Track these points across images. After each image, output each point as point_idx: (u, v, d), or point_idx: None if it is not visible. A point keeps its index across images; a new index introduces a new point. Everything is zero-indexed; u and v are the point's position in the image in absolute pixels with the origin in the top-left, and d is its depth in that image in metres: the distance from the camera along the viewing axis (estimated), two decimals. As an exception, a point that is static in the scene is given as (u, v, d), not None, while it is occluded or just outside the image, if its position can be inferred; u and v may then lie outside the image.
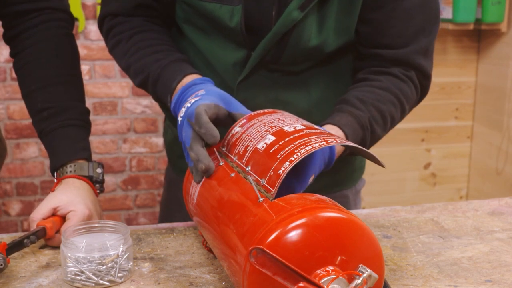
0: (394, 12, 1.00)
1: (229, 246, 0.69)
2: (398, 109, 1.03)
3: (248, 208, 0.69)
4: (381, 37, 1.02)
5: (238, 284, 0.66)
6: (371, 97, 0.99)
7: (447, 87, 3.01)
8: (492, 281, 0.81)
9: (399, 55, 1.02)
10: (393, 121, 1.03)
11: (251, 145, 0.78)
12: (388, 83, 1.02)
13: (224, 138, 0.87)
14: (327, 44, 1.01)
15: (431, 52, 1.06)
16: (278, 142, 0.75)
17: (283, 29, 0.97)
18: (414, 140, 3.04)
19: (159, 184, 2.91)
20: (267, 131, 0.79)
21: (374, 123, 0.98)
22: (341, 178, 1.18)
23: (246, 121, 0.85)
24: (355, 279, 0.62)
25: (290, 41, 0.99)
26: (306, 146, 0.71)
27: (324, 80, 1.07)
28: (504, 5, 2.76)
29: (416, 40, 1.02)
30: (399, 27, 1.01)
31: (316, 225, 0.62)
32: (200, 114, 0.82)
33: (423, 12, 1.02)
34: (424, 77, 1.06)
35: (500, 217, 1.07)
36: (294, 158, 0.70)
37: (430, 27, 1.03)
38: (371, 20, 1.01)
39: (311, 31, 0.99)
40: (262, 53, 1.00)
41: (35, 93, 1.06)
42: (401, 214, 1.08)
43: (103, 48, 2.72)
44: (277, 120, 0.82)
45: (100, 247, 0.80)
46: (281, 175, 0.69)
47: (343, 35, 1.01)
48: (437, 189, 3.15)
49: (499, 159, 2.92)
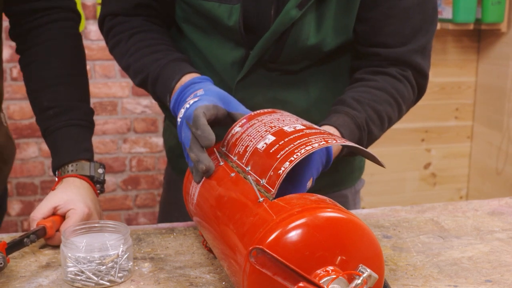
0: (391, 11, 1.00)
1: (229, 246, 0.69)
2: (395, 109, 1.03)
3: (248, 208, 0.69)
4: (378, 36, 1.02)
5: (238, 284, 0.66)
6: (368, 97, 0.99)
7: (447, 87, 3.01)
8: (492, 281, 0.81)
9: (396, 54, 1.02)
10: (390, 121, 1.03)
11: (251, 145, 0.78)
12: (385, 83, 1.02)
13: (224, 138, 0.87)
14: (325, 43, 1.01)
15: (428, 51, 1.06)
16: (278, 142, 0.75)
17: (282, 28, 0.98)
18: (414, 140, 3.04)
19: (159, 184, 2.91)
20: (267, 131, 0.79)
21: (371, 123, 0.98)
22: (340, 178, 1.18)
23: (246, 121, 0.85)
24: (355, 279, 0.62)
25: (288, 39, 0.99)
26: (306, 146, 0.71)
27: (323, 79, 1.07)
28: (504, 5, 2.76)
29: (413, 39, 1.02)
30: (396, 26, 1.01)
31: (316, 225, 0.62)
32: (197, 117, 0.82)
33: (421, 11, 1.02)
34: (421, 76, 1.06)
35: (500, 217, 1.07)
36: (294, 158, 0.69)
37: (427, 26, 1.03)
38: (369, 18, 1.01)
39: (310, 29, 0.99)
40: (261, 52, 1.00)
41: (41, 91, 1.07)
42: (401, 214, 1.08)
43: (103, 48, 2.72)
44: (277, 120, 0.82)
45: (100, 247, 0.80)
46: (281, 175, 0.69)
47: (342, 34, 1.02)
48: (437, 189, 3.15)
49: (499, 159, 2.92)
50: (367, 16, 1.01)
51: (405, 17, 1.01)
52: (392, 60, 1.03)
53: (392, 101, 1.02)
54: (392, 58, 1.03)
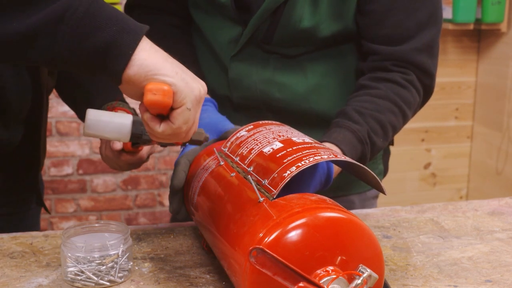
0: (395, 2, 0.99)
1: (229, 246, 0.69)
2: (399, 117, 1.01)
3: (248, 208, 0.69)
4: (380, 29, 1.01)
5: (238, 284, 0.66)
6: (370, 107, 0.98)
7: (447, 87, 3.01)
8: (492, 281, 0.81)
9: (399, 52, 1.01)
10: (394, 130, 1.01)
11: (256, 148, 0.78)
12: (388, 91, 1.00)
13: (227, 139, 0.87)
14: (320, 29, 1.01)
15: (436, 49, 1.04)
16: (286, 149, 0.74)
17: (273, 5, 0.99)
18: (414, 140, 3.04)
19: (159, 184, 2.91)
20: (274, 138, 0.79)
21: (373, 135, 0.97)
22: (346, 181, 1.14)
23: (253, 127, 0.85)
24: (355, 279, 0.62)
25: (281, 20, 1.01)
26: (315, 156, 0.70)
27: (323, 65, 1.07)
28: (504, 5, 2.76)
29: (418, 34, 1.01)
30: (400, 17, 1.00)
31: (316, 225, 0.62)
32: (177, 164, 0.90)
33: (427, 4, 1.00)
34: (426, 76, 1.04)
35: (500, 217, 1.07)
36: (302, 164, 0.69)
37: (433, 21, 1.02)
38: (371, 10, 1.00)
39: (303, 11, 1.00)
40: (254, 28, 1.02)
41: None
42: (401, 214, 1.08)
43: (103, 48, 2.71)
44: (285, 131, 0.82)
45: (100, 247, 0.80)
46: (286, 177, 0.68)
47: (338, 22, 1.01)
48: (437, 189, 3.15)
49: (499, 159, 2.92)
50: (370, 8, 1.00)
51: (409, 9, 1.00)
52: (395, 60, 1.01)
53: (395, 109, 1.00)
54: (395, 57, 1.01)
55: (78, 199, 2.85)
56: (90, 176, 2.83)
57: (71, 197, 2.83)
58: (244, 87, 0.96)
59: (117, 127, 0.80)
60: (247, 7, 1.03)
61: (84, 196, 2.85)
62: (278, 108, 1.08)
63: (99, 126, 0.79)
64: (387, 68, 1.02)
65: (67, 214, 2.84)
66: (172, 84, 0.67)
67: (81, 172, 2.82)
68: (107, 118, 0.80)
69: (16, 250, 0.91)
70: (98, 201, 2.87)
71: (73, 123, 2.76)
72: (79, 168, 2.81)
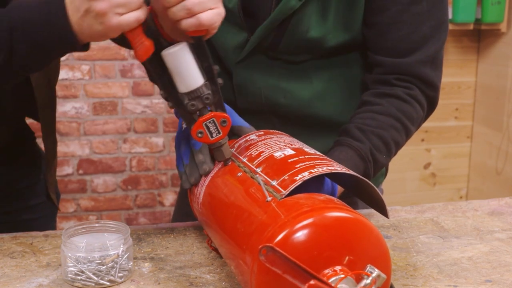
0: (400, 16, 0.99)
1: (237, 245, 0.69)
2: (402, 133, 1.01)
3: (256, 207, 0.69)
4: (385, 41, 1.01)
5: (245, 283, 0.66)
6: (372, 124, 0.98)
7: (447, 87, 3.02)
8: (492, 281, 0.81)
9: (403, 64, 1.00)
10: (397, 146, 1.01)
11: (267, 152, 0.78)
12: (390, 107, 1.00)
13: (235, 141, 0.87)
14: (327, 39, 1.01)
15: (440, 61, 1.04)
16: (298, 156, 0.74)
17: (281, 16, 0.99)
18: (414, 140, 3.04)
19: (159, 184, 2.91)
20: (286, 145, 0.79)
21: (376, 152, 0.97)
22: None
23: (263, 133, 0.86)
24: (363, 279, 0.62)
25: (288, 29, 1.00)
26: (329, 166, 0.71)
27: (328, 72, 1.07)
28: (504, 5, 2.76)
29: (423, 47, 1.00)
30: (405, 31, 1.00)
31: (324, 225, 0.62)
32: (203, 148, 0.86)
33: (432, 18, 1.00)
34: (430, 88, 1.03)
35: (500, 217, 1.07)
36: (315, 171, 0.69)
37: (439, 34, 1.02)
38: (376, 23, 1.00)
39: (311, 22, 1.00)
40: (260, 37, 1.02)
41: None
42: (401, 214, 1.08)
43: (103, 48, 2.72)
44: (297, 142, 0.83)
45: (100, 247, 0.80)
46: (298, 180, 0.68)
47: (346, 32, 1.01)
48: (437, 189, 3.15)
49: (499, 159, 2.93)
50: (375, 20, 1.00)
51: (415, 23, 0.99)
52: (399, 73, 1.01)
53: (398, 125, 1.00)
54: (399, 69, 1.01)
55: (78, 199, 2.85)
56: (90, 176, 2.84)
57: (71, 197, 2.84)
58: (249, 92, 0.96)
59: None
60: (254, 14, 1.02)
61: (84, 196, 2.85)
62: (283, 114, 1.08)
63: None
64: (390, 82, 1.01)
65: (67, 214, 2.84)
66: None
67: (81, 172, 2.82)
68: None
69: (16, 250, 0.91)
70: (98, 201, 2.87)
71: (73, 123, 2.76)
72: (79, 168, 2.81)
